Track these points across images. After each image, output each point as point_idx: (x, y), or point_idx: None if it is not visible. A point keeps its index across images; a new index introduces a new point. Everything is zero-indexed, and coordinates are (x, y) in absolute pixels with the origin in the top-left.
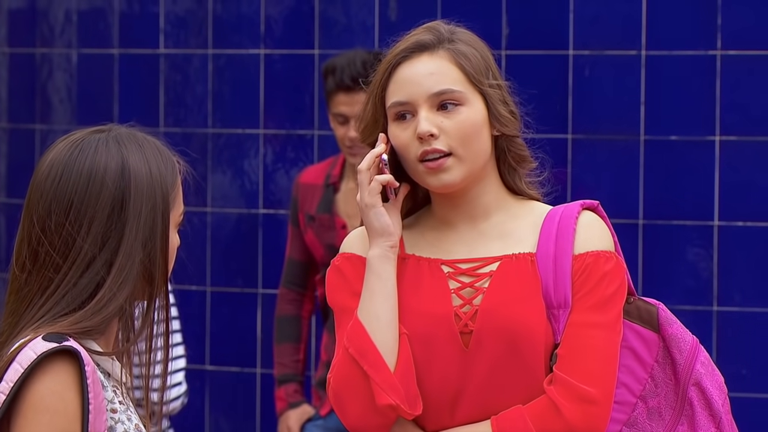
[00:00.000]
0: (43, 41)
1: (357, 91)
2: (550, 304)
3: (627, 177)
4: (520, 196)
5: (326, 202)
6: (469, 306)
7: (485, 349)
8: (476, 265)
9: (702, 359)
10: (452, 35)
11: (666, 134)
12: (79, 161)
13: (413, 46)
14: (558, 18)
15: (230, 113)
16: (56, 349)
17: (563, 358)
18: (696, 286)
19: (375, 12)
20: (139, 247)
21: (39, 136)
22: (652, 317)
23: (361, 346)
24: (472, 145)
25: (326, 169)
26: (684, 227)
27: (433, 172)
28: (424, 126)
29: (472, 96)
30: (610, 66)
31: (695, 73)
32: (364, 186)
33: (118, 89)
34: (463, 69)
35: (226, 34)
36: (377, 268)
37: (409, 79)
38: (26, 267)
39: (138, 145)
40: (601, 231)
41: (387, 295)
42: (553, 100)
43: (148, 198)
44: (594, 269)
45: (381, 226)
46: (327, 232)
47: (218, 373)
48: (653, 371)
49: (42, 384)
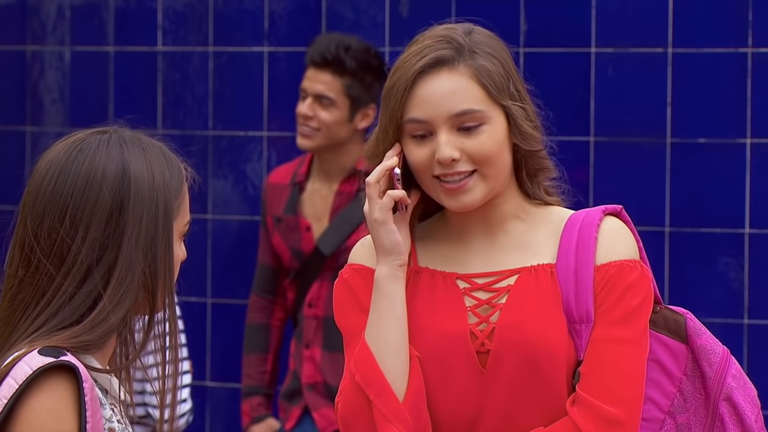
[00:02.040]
0: (34, 38)
1: (322, 71)
2: (572, 318)
3: (653, 182)
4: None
5: (292, 202)
6: (486, 324)
7: (503, 369)
8: (493, 280)
9: (733, 372)
10: (472, 44)
11: (694, 137)
12: (77, 163)
13: (432, 61)
14: (579, 13)
15: (232, 114)
16: (53, 365)
17: (586, 376)
18: (726, 298)
19: (385, 7)
20: (139, 257)
21: (29, 138)
22: (680, 327)
23: (367, 373)
24: (495, 164)
25: (293, 168)
26: (713, 235)
27: (453, 193)
28: (446, 152)
29: (494, 113)
30: (634, 64)
31: (725, 72)
32: (373, 200)
33: (114, 89)
34: (485, 86)
35: (228, 30)
36: (386, 289)
37: (428, 97)
38: (18, 274)
39: (142, 148)
40: (625, 238)
41: (396, 317)
42: (574, 100)
43: (150, 204)
44: (617, 280)
45: (391, 243)
46: (292, 234)
47: (220, 390)
48: (682, 385)
49: (37, 401)
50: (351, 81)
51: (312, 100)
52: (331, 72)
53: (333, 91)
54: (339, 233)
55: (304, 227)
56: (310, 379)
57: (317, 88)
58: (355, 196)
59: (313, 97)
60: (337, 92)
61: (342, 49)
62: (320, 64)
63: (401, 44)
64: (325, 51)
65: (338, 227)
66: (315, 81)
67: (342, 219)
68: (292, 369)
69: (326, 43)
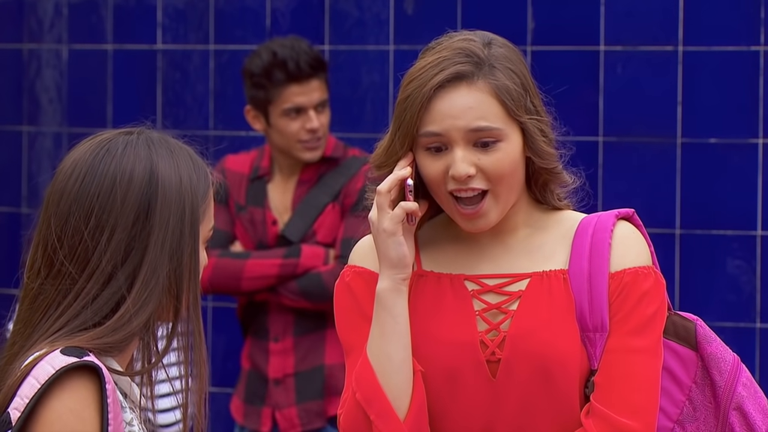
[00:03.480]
0: (31, 36)
1: (311, 80)
2: (585, 327)
3: (662, 183)
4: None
5: (257, 194)
6: (496, 332)
7: (515, 379)
8: (504, 282)
9: (744, 380)
10: (491, 58)
11: (705, 137)
12: (104, 163)
13: (451, 76)
14: (588, 10)
15: (233, 114)
16: (77, 364)
17: (601, 387)
18: (737, 301)
19: (390, 4)
20: (165, 260)
21: (26, 138)
22: (690, 334)
23: (368, 392)
24: (508, 182)
25: (252, 160)
26: (724, 237)
27: (469, 218)
28: (461, 168)
29: (511, 130)
30: (644, 63)
31: (737, 71)
32: (383, 209)
33: (112, 88)
34: (503, 103)
35: (229, 28)
36: (388, 304)
37: (446, 112)
38: (41, 275)
39: (169, 150)
40: (639, 244)
41: (399, 333)
42: (582, 100)
43: (177, 207)
44: (632, 288)
45: (398, 256)
46: (258, 227)
47: (220, 395)
48: (691, 393)
49: (59, 401)
50: (325, 75)
51: (314, 111)
52: (316, 76)
53: (325, 92)
54: (305, 219)
55: (270, 221)
56: (279, 373)
57: (315, 97)
58: (317, 181)
59: (314, 108)
60: (326, 91)
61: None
62: (305, 75)
63: (406, 43)
64: (300, 61)
65: (303, 213)
66: (308, 93)
67: (306, 204)
68: (247, 369)
69: (288, 55)
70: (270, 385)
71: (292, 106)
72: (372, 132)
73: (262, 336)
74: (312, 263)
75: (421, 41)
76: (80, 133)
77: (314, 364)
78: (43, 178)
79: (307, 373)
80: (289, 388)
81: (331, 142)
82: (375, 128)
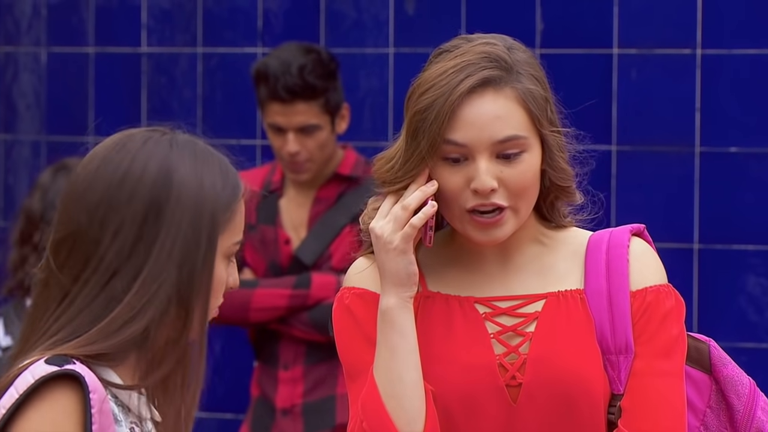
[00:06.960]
0: (8, 38)
1: (294, 103)
2: (607, 349)
3: (680, 195)
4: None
5: (268, 211)
6: (515, 354)
7: (536, 405)
8: (517, 304)
9: (762, 404)
10: (515, 63)
11: (725, 145)
12: (119, 156)
13: (479, 81)
14: (600, 11)
15: (222, 121)
16: (56, 374)
17: (629, 411)
18: (759, 321)
19: (390, 5)
20: (171, 268)
21: (2, 147)
22: (703, 356)
23: (376, 422)
24: (528, 197)
25: (264, 175)
26: (745, 252)
27: (486, 227)
28: (485, 181)
29: (534, 141)
30: (660, 67)
31: (758, 75)
32: (399, 225)
33: (94, 93)
34: (530, 111)
35: (218, 30)
36: (397, 321)
37: (472, 120)
38: (47, 268)
39: (194, 153)
40: (656, 261)
41: (410, 352)
42: (594, 106)
43: (193, 213)
44: (656, 308)
45: (407, 275)
46: (269, 247)
47: (209, 420)
48: (706, 418)
49: (37, 413)
50: (324, 97)
51: (294, 134)
52: (304, 100)
53: (314, 116)
54: (320, 241)
55: (283, 240)
56: (287, 402)
57: (297, 121)
58: (335, 201)
59: (295, 131)
60: (317, 115)
61: (302, 72)
62: (289, 99)
63: (406, 45)
64: (291, 83)
65: (319, 234)
66: (290, 115)
67: (323, 225)
68: (256, 396)
69: (281, 72)
70: (277, 415)
71: (273, 122)
72: (371, 140)
73: (273, 363)
74: (323, 294)
75: (422, 44)
76: (60, 141)
77: (324, 395)
78: (20, 189)
79: (316, 403)
80: (297, 419)
81: (350, 159)
82: (374, 136)
